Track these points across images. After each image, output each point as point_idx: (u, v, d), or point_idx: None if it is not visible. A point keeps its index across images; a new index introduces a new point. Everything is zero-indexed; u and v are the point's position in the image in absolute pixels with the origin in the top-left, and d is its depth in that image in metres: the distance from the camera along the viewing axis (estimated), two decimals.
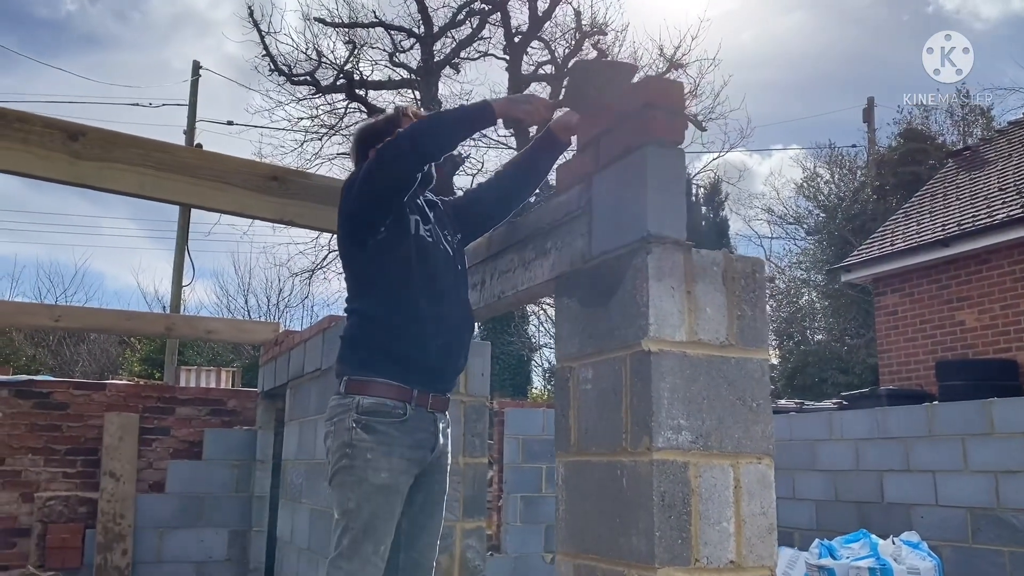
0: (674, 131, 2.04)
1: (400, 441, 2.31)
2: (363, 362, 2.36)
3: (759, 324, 2.05)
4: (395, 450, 2.29)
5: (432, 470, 2.43)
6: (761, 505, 1.95)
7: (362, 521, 2.26)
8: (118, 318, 5.99)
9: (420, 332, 2.35)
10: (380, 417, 2.31)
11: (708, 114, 18.78)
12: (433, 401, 2.40)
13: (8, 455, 5.98)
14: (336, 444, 2.32)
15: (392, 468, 2.28)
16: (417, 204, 2.51)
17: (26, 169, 2.53)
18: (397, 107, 2.64)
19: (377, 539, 2.27)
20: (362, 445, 2.28)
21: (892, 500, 6.32)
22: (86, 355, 21.26)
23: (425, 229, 2.46)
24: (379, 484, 2.27)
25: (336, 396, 2.38)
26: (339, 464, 2.31)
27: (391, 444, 2.29)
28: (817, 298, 20.18)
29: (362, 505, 2.27)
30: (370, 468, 2.26)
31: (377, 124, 2.58)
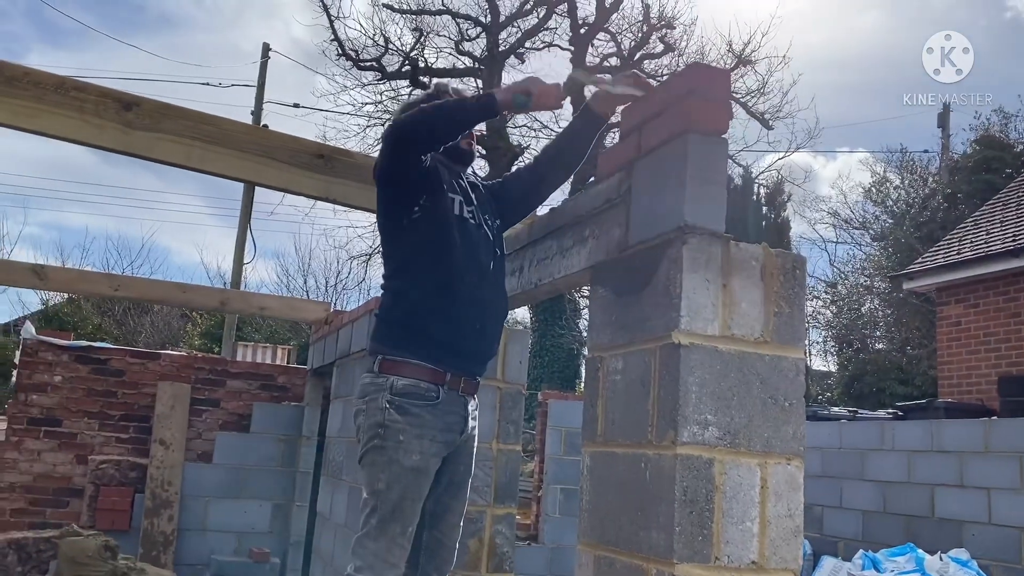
0: (717, 120, 1.99)
1: (432, 424, 2.29)
2: (398, 342, 2.34)
3: (796, 322, 1.99)
4: (427, 432, 2.28)
5: (459, 452, 2.43)
6: (788, 507, 1.90)
7: (391, 502, 2.26)
8: (174, 290, 6.13)
9: (458, 314, 2.33)
10: (414, 399, 2.29)
11: (776, 113, 18.40)
12: (465, 384, 2.38)
13: (66, 417, 6.19)
14: (368, 423, 2.31)
15: (423, 451, 2.27)
16: (460, 184, 2.49)
17: (81, 137, 2.60)
18: (437, 84, 2.60)
19: (405, 520, 2.27)
20: (395, 426, 2.27)
21: (943, 515, 6.13)
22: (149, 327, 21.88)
23: (468, 211, 2.44)
24: (410, 466, 2.26)
25: (369, 375, 2.37)
26: (370, 444, 2.30)
27: (423, 427, 2.28)
28: (880, 306, 19.66)
29: (392, 486, 2.26)
30: (402, 449, 2.25)
31: (419, 98, 2.58)
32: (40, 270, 5.73)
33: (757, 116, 18.36)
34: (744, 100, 18.15)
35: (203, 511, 6.25)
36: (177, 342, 20.71)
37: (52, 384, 6.19)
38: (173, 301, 7.99)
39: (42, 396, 6.16)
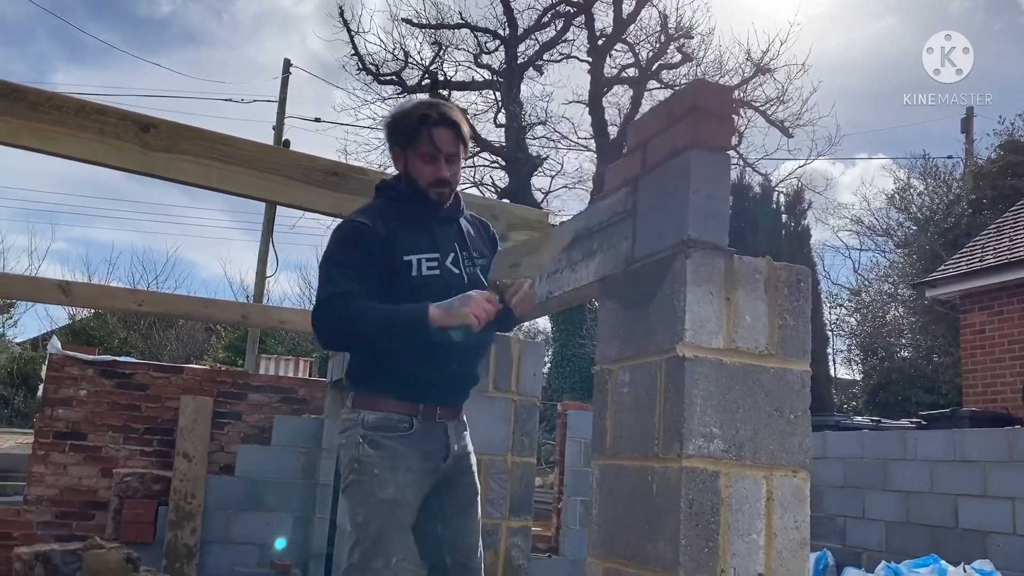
0: (721, 136, 2.01)
1: (407, 455, 2.29)
2: (369, 378, 2.34)
3: (801, 334, 2.00)
4: (401, 463, 2.27)
5: (455, 474, 2.41)
6: (794, 519, 1.91)
7: (371, 535, 2.26)
8: (196, 305, 6.23)
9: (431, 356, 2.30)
10: (386, 432, 2.29)
11: (795, 120, 18.35)
12: (442, 412, 2.37)
13: (91, 431, 6.29)
14: (346, 458, 2.32)
15: (399, 483, 2.26)
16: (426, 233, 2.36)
17: (101, 159, 2.67)
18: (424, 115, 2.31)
19: (387, 553, 2.26)
20: (369, 461, 2.26)
21: (967, 526, 6.06)
22: (174, 340, 22.12)
23: (429, 265, 2.33)
24: (385, 499, 2.26)
25: (345, 410, 2.38)
26: (348, 479, 2.31)
27: (397, 458, 2.28)
28: (905, 313, 19.47)
29: (370, 520, 2.27)
30: (377, 483, 2.25)
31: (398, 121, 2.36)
32: (65, 286, 5.85)
33: (777, 124, 18.31)
34: (763, 108, 18.12)
35: (226, 523, 6.31)
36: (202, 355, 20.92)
37: (78, 398, 6.30)
38: (196, 315, 8.10)
39: (68, 410, 6.27)
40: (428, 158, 2.32)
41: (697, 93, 2.05)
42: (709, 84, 2.03)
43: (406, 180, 2.38)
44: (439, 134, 2.31)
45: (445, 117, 2.32)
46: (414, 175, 2.35)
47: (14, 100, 2.57)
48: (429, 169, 2.33)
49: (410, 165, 2.36)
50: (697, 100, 2.02)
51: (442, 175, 2.34)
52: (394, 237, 2.31)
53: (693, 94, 2.04)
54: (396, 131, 2.37)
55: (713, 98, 2.03)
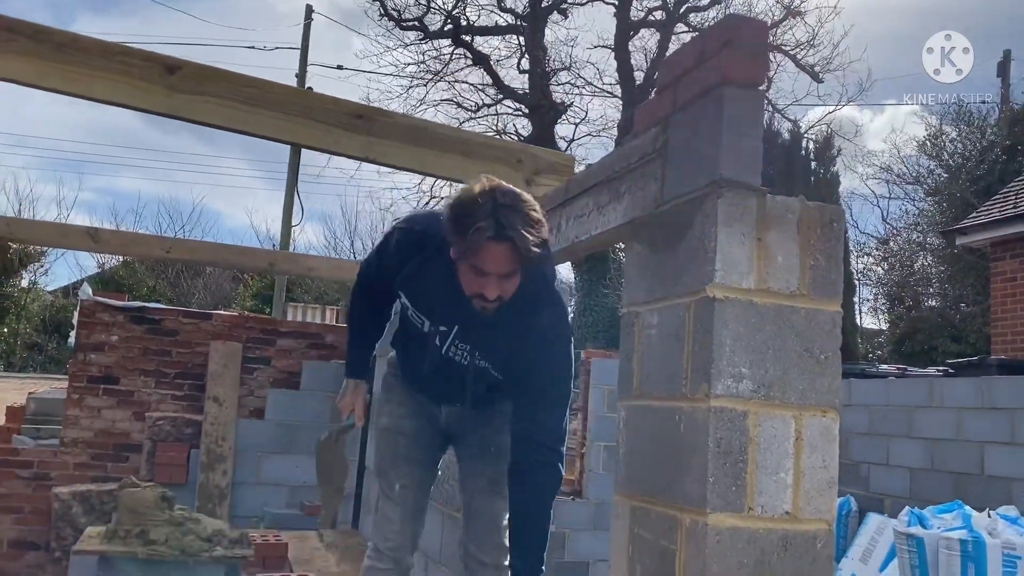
0: (753, 72, 1.96)
1: (400, 387, 2.53)
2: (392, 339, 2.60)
3: (833, 275, 1.98)
4: (393, 396, 2.53)
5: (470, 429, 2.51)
6: (823, 458, 1.90)
7: (376, 461, 2.56)
8: (224, 252, 6.28)
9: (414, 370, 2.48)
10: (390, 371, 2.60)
11: (826, 65, 17.96)
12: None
13: (123, 376, 6.41)
14: None
15: (392, 413, 2.51)
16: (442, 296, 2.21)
17: (127, 100, 2.67)
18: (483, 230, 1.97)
19: (388, 479, 2.44)
20: (378, 397, 2.60)
21: (993, 473, 6.05)
22: (202, 289, 22.39)
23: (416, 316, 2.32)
24: (382, 427, 2.53)
25: None
26: None
27: (392, 390, 2.54)
28: (933, 262, 19.21)
29: (376, 447, 2.57)
30: (377, 413, 2.56)
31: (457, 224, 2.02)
32: (94, 233, 5.91)
33: (807, 69, 17.95)
34: (793, 53, 17.73)
35: (256, 465, 6.45)
36: (229, 304, 21.18)
37: (109, 344, 6.41)
38: (223, 262, 8.17)
39: (100, 355, 6.39)
40: (477, 272, 2.05)
41: (731, 28, 2.00)
42: (744, 18, 1.97)
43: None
44: (496, 252, 2.00)
45: (506, 235, 1.97)
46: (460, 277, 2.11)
47: (39, 41, 2.56)
48: (476, 282, 2.07)
49: (460, 266, 2.09)
50: (731, 35, 1.97)
51: (486, 294, 2.07)
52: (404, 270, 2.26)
53: (727, 29, 1.99)
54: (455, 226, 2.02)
55: (748, 33, 1.98)
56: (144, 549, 4.00)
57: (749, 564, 1.81)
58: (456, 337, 2.25)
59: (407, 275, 2.27)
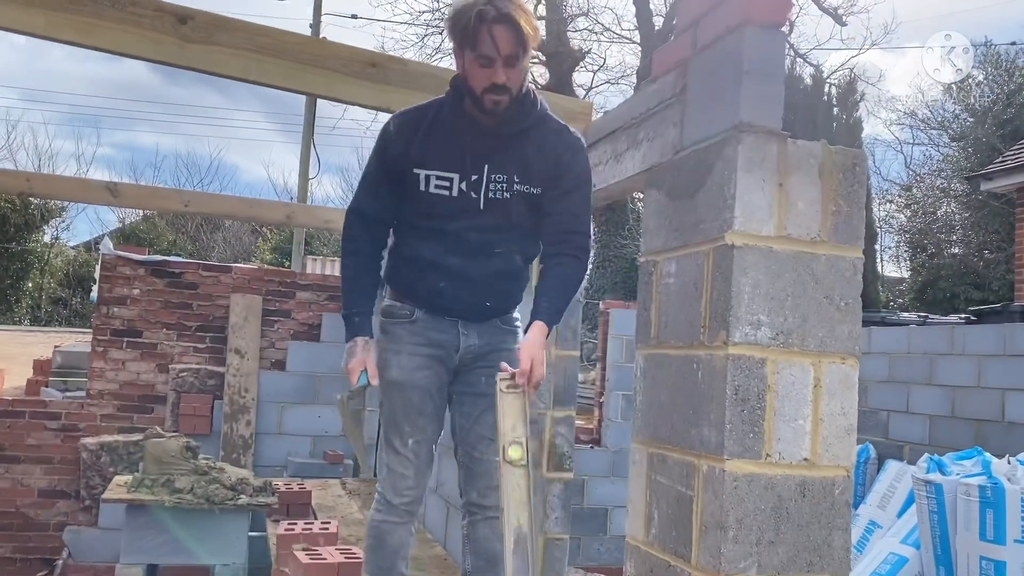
0: (775, 11, 1.92)
1: (409, 339, 2.38)
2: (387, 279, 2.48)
3: (855, 221, 1.95)
4: (404, 347, 2.38)
5: (475, 368, 2.44)
6: (842, 405, 1.90)
7: (386, 414, 2.41)
8: (242, 205, 6.29)
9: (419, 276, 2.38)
10: (391, 318, 2.42)
11: (850, 7, 17.53)
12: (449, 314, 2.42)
13: (146, 328, 6.49)
14: None
15: (401, 365, 2.37)
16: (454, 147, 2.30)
17: (140, 52, 2.65)
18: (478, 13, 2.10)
19: (401, 432, 2.37)
20: (379, 345, 2.39)
21: (1013, 419, 6.03)
22: (221, 242, 22.51)
23: (439, 184, 2.30)
24: (391, 380, 2.37)
25: None
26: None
27: (399, 342, 2.39)
28: (957, 209, 18.94)
29: (383, 400, 2.42)
30: (383, 365, 2.37)
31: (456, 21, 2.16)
32: (113, 187, 5.93)
33: (829, 12, 17.53)
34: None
35: (278, 416, 6.54)
36: (249, 257, 21.30)
37: (131, 297, 6.47)
38: (241, 216, 8.19)
39: (123, 309, 6.46)
40: (484, 60, 2.14)
41: None
42: None
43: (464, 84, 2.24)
44: (497, 32, 2.10)
45: (504, 14, 2.09)
46: (470, 80, 2.20)
47: None
48: (484, 73, 2.16)
49: (467, 67, 2.19)
50: None
51: (498, 79, 2.16)
52: (412, 146, 2.30)
53: None
54: (455, 28, 2.17)
55: None
56: (170, 498, 4.08)
57: (766, 510, 1.82)
58: (492, 171, 2.30)
59: (421, 145, 2.30)
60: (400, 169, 2.31)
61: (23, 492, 6.12)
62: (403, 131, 2.32)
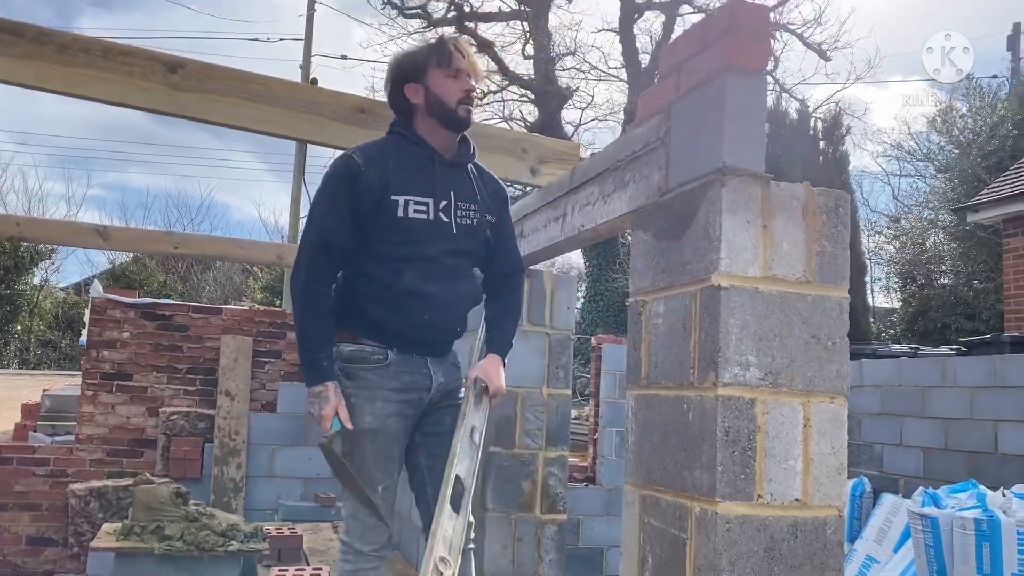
0: (757, 58, 1.95)
1: (382, 385, 2.34)
2: (344, 320, 2.38)
3: (840, 261, 1.97)
4: (378, 394, 2.33)
5: (441, 407, 2.45)
6: (832, 445, 1.90)
7: (355, 463, 2.31)
8: (232, 246, 6.30)
9: (398, 306, 2.34)
10: (360, 364, 2.35)
11: (833, 43, 17.81)
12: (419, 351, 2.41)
13: (136, 372, 6.45)
14: None
15: (375, 412, 2.31)
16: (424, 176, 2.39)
17: (130, 101, 2.67)
18: (442, 37, 2.47)
19: (372, 481, 2.31)
20: (346, 392, 2.31)
21: (1007, 451, 6.02)
22: (212, 282, 22.47)
23: (417, 208, 2.35)
24: (364, 428, 2.31)
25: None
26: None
27: (373, 388, 2.33)
28: (945, 240, 19.08)
29: (353, 449, 2.32)
30: (355, 414, 2.30)
31: (416, 55, 2.44)
32: (103, 231, 5.94)
33: (814, 47, 17.80)
34: (800, 31, 17.59)
35: (270, 458, 6.48)
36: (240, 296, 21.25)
37: (121, 340, 6.44)
38: (232, 256, 8.19)
39: (113, 352, 6.42)
40: (455, 73, 2.37)
41: (733, 13, 1.98)
42: (745, 4, 1.95)
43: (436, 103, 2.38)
44: (462, 47, 2.41)
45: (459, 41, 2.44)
46: (441, 95, 2.37)
47: (41, 44, 2.57)
48: (457, 85, 2.37)
49: (435, 87, 2.38)
50: (733, 20, 1.95)
51: (470, 87, 2.39)
52: (387, 174, 2.33)
53: (729, 14, 1.97)
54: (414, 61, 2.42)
55: (750, 18, 1.96)
56: (160, 545, 4.03)
57: (759, 551, 1.81)
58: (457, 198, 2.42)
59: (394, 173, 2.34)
60: (374, 199, 2.31)
61: (10, 540, 6.03)
62: (373, 162, 2.34)
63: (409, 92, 2.41)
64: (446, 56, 2.38)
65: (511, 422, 3.30)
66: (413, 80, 2.40)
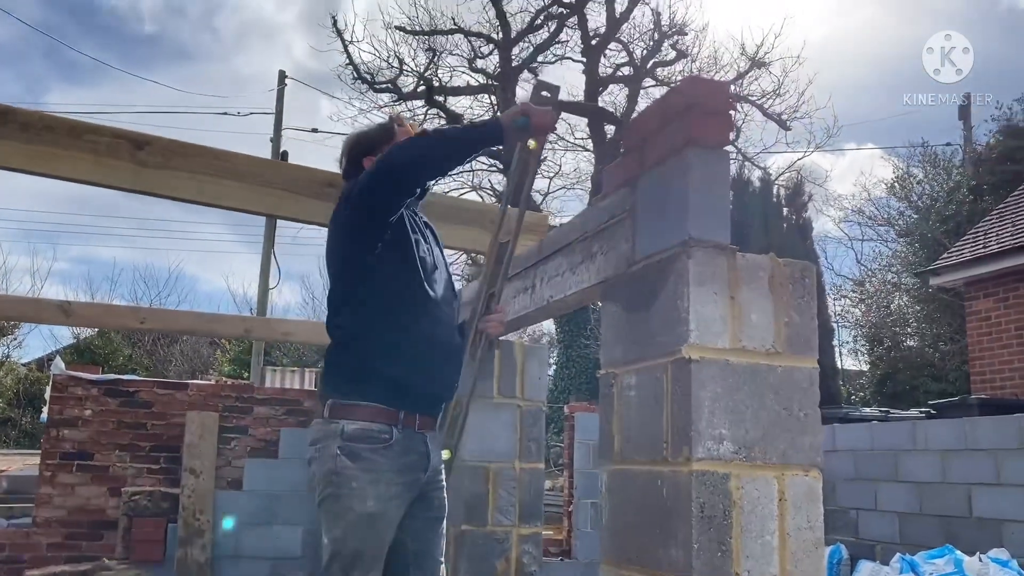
0: (718, 132, 1.99)
1: (387, 467, 2.23)
2: (349, 385, 2.29)
3: (808, 331, 1.97)
4: (382, 476, 2.22)
5: (430, 488, 2.38)
6: (808, 519, 1.88)
7: (350, 551, 2.21)
8: (199, 320, 6.21)
9: (413, 354, 2.29)
10: (364, 443, 2.22)
11: (793, 113, 18.31)
12: (421, 422, 2.32)
13: (97, 451, 6.27)
14: (321, 471, 2.25)
15: (379, 496, 2.21)
16: (418, 222, 2.48)
17: (95, 178, 2.65)
18: (391, 116, 2.61)
19: (365, 568, 2.21)
20: (347, 473, 2.19)
21: (981, 515, 6.01)
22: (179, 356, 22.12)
23: (426, 248, 2.42)
24: (365, 513, 2.20)
25: (319, 420, 2.31)
26: (325, 492, 2.24)
27: (377, 471, 2.22)
28: (909, 302, 19.39)
29: (348, 535, 2.21)
30: (356, 497, 2.19)
31: (370, 132, 2.59)
32: (67, 307, 5.83)
33: (774, 118, 18.29)
34: (760, 102, 18.09)
35: (236, 539, 6.28)
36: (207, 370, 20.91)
37: (83, 418, 6.28)
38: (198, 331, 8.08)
39: (74, 430, 6.25)
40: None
41: (693, 90, 2.02)
42: (704, 81, 2.00)
43: None
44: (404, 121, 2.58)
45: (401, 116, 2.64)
46: None
47: (3, 122, 2.55)
48: None
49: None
50: (693, 97, 1.99)
51: None
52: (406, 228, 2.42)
53: (689, 91, 2.01)
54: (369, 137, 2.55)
55: (709, 95, 2.00)
56: None
57: None
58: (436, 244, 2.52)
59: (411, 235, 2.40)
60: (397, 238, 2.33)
61: None
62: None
63: (367, 164, 2.47)
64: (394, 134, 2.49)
65: (483, 499, 3.22)
66: (370, 154, 2.48)
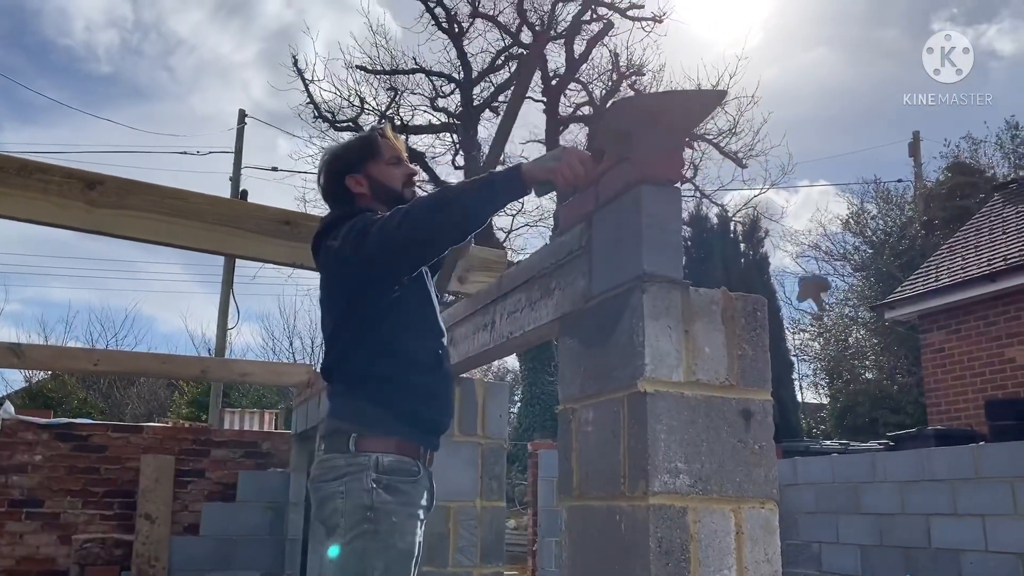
0: (670, 170, 2.02)
1: (417, 501, 2.17)
2: (379, 419, 2.20)
3: (761, 364, 1.99)
4: (416, 511, 2.15)
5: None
6: (765, 552, 1.88)
7: None
8: (154, 361, 6.10)
9: (430, 389, 2.27)
10: (400, 476, 2.13)
11: (748, 151, 18.68)
12: (430, 457, 2.30)
13: (48, 497, 6.09)
14: (351, 506, 2.10)
15: (415, 531, 2.13)
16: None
17: (45, 218, 2.61)
18: (374, 127, 2.49)
19: None
20: (386, 508, 2.08)
21: (939, 545, 6.07)
22: (135, 398, 21.66)
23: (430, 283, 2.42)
24: (405, 549, 2.10)
25: (340, 455, 2.17)
26: (360, 528, 2.08)
27: (412, 505, 2.14)
28: (866, 336, 19.72)
29: (391, 572, 2.08)
30: (397, 532, 2.08)
31: (351, 146, 2.49)
32: (18, 349, 5.70)
33: (730, 155, 18.63)
34: (716, 141, 18.44)
35: None
36: (164, 412, 20.46)
37: (33, 464, 6.11)
38: (154, 372, 7.93)
39: (23, 477, 6.08)
40: (395, 160, 2.42)
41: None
42: None
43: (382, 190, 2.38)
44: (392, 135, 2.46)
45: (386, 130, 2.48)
46: (385, 181, 2.39)
47: None
48: (399, 171, 2.42)
49: (379, 176, 2.39)
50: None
51: (412, 171, 2.46)
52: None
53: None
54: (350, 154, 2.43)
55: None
56: None
57: None
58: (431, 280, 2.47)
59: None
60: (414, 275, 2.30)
61: None
62: None
63: (351, 183, 2.39)
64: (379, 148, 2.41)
65: (444, 539, 3.18)
66: (353, 172, 2.39)
